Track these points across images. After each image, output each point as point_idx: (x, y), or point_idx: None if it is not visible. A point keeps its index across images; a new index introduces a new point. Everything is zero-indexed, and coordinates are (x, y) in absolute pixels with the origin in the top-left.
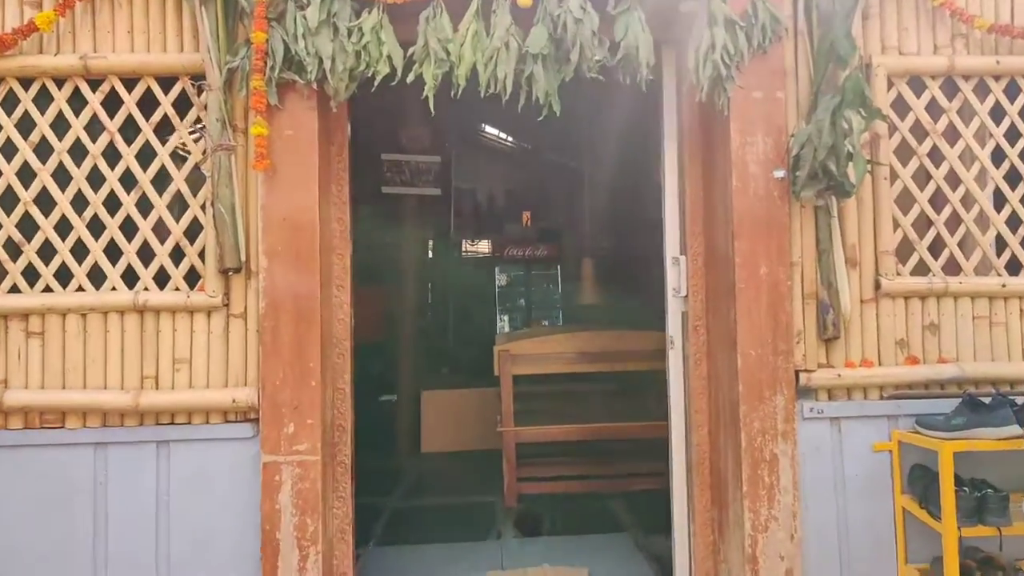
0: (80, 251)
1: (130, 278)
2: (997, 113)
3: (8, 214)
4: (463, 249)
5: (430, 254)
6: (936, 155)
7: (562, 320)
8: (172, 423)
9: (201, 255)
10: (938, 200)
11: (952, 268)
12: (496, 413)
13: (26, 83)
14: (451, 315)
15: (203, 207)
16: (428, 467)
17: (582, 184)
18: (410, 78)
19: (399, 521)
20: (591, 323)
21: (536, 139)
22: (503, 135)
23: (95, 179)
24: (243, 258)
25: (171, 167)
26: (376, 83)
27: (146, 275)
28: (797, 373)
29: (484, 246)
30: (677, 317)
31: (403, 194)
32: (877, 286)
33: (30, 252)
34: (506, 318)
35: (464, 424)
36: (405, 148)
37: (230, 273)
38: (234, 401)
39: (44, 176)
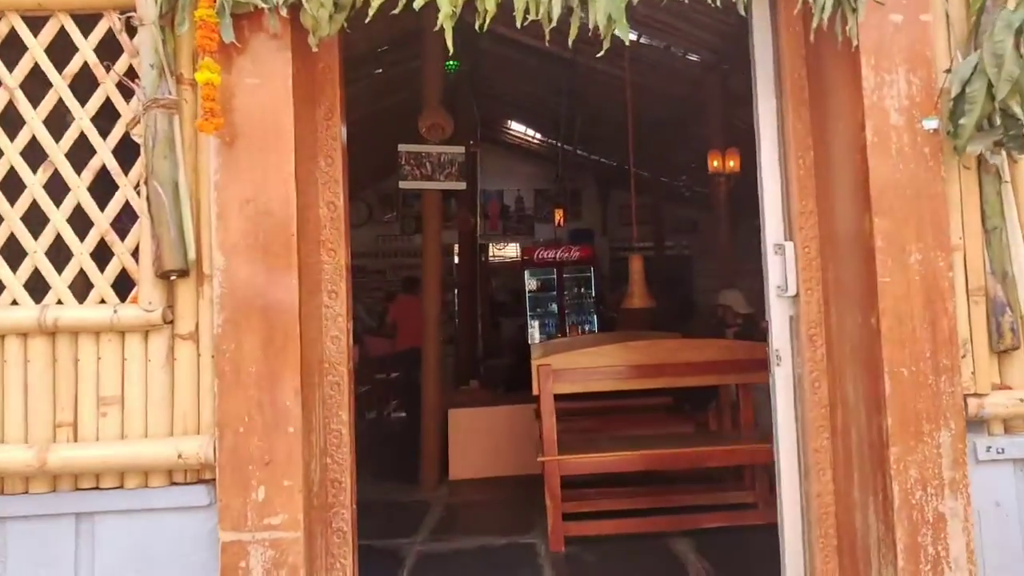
0: None
1: (37, 287)
2: None
3: None
4: (490, 252)
5: (455, 258)
6: None
7: (596, 327)
8: (97, 488)
9: (136, 254)
10: None
11: None
12: (532, 432)
13: None
14: (479, 322)
15: (137, 188)
16: (458, 499)
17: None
18: (418, 2)
19: (425, 569)
20: (637, 331)
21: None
22: (531, 131)
23: None
24: (191, 256)
25: (93, 135)
26: (372, 11)
27: (58, 282)
28: (965, 398)
29: (512, 249)
30: (784, 323)
31: (423, 190)
32: None
33: None
34: (536, 324)
35: (497, 447)
36: (424, 138)
37: (173, 277)
38: (180, 456)
39: None
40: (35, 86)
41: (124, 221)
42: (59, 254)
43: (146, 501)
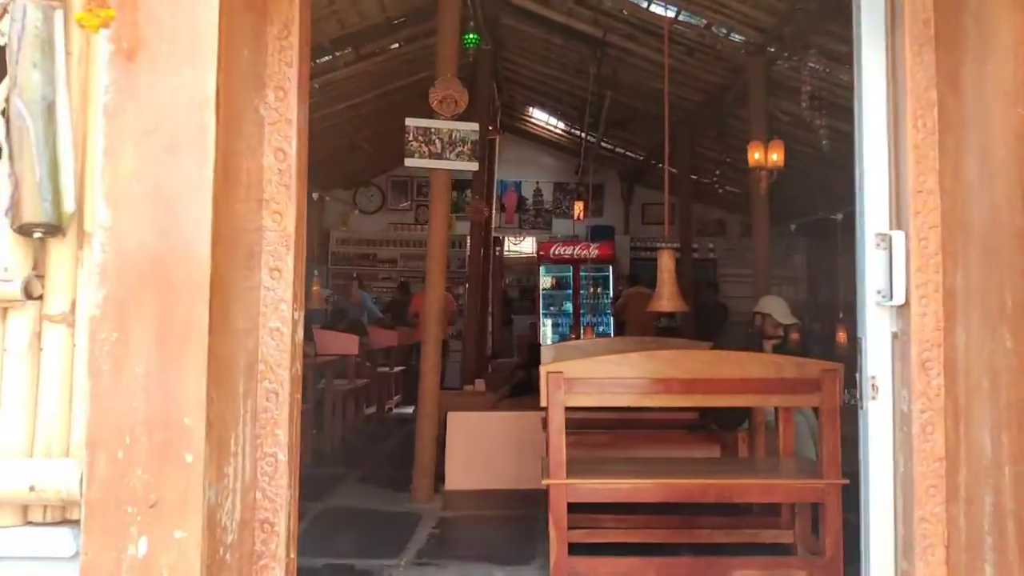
0: None
1: None
2: None
3: None
4: (505, 246)
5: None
6: None
7: (613, 330)
8: None
9: None
10: None
11: None
12: (539, 444)
13: None
14: (489, 319)
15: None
16: (453, 513)
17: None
18: None
19: None
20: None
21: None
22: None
23: None
24: (68, 207)
25: None
26: None
27: None
28: None
29: (528, 243)
30: (884, 342)
31: (430, 169)
32: None
33: None
34: (549, 323)
35: (499, 456)
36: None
37: (39, 235)
38: (34, 488)
39: None
40: None
41: None
42: None
43: None
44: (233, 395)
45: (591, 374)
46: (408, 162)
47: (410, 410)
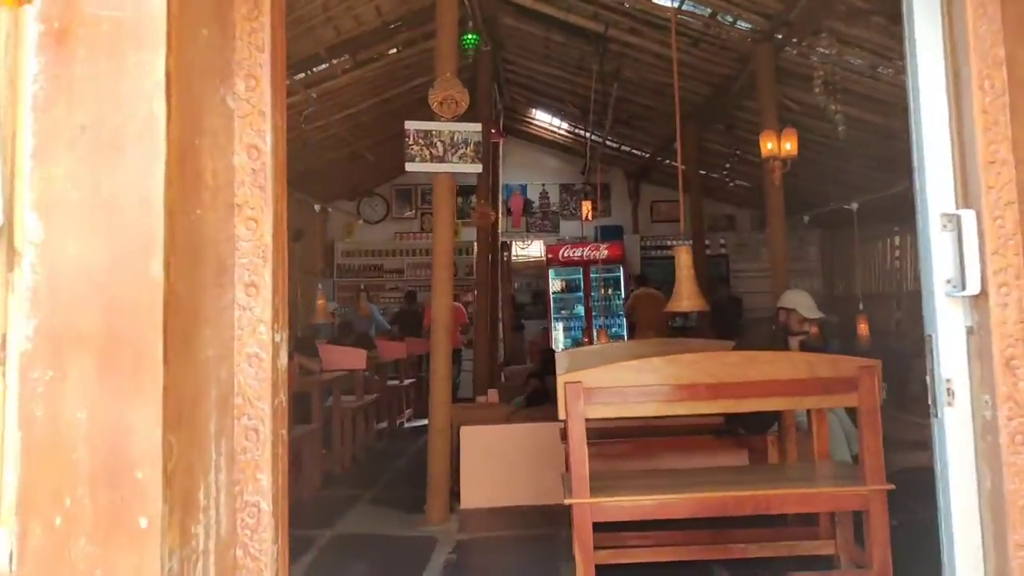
0: None
1: None
2: None
3: None
4: (512, 250)
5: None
6: None
7: (626, 332)
8: None
9: None
10: None
11: None
12: (558, 455)
13: None
14: (500, 325)
15: None
16: (470, 535)
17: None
18: None
19: None
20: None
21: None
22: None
23: None
24: None
25: None
26: None
27: None
28: None
29: (535, 247)
30: (958, 338)
31: (433, 173)
32: None
33: None
34: (560, 326)
35: (516, 471)
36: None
37: None
38: None
39: None
40: None
41: None
42: None
43: None
44: (202, 437)
45: (612, 382)
46: (409, 166)
47: (423, 423)
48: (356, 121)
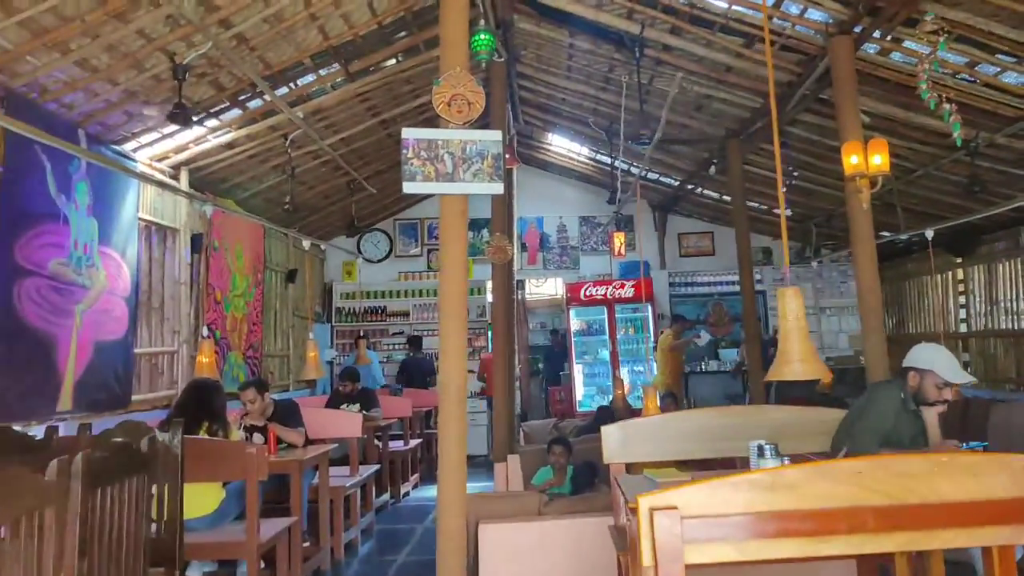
0: None
1: None
2: None
3: None
4: (527, 288)
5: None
6: None
7: (656, 372)
8: None
9: None
10: None
11: None
12: (606, 560)
13: None
14: (519, 373)
15: None
16: None
17: None
18: None
19: None
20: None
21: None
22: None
23: None
24: None
25: None
26: None
27: None
28: None
29: (552, 284)
30: None
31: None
32: None
33: None
34: (581, 370)
35: None
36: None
37: None
38: None
39: None
40: None
41: None
42: None
43: None
44: None
45: (723, 507)
46: (408, 187)
47: (431, 491)
48: (352, 146)
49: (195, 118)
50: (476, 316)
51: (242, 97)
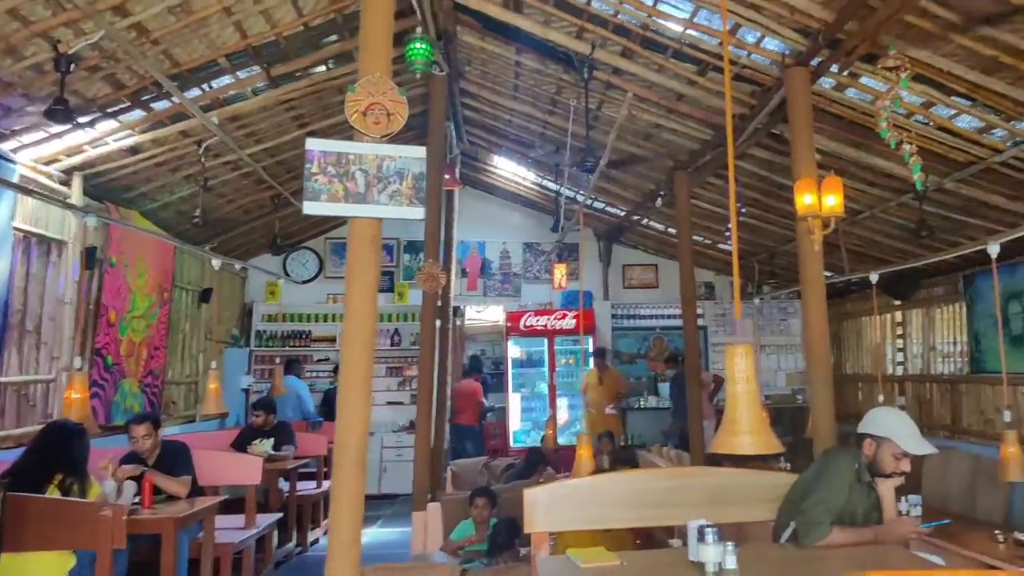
0: None
1: None
2: None
3: None
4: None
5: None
6: None
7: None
8: None
9: None
10: None
11: None
12: None
13: None
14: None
15: None
16: None
17: None
18: None
19: None
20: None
21: None
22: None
23: None
24: None
25: None
26: None
27: None
28: None
29: (492, 312)
30: None
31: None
32: None
33: None
34: (518, 402)
35: None
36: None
37: None
38: None
39: None
40: None
41: None
42: None
43: None
44: None
45: None
46: (308, 207)
47: None
48: (277, 158)
49: (84, 118)
50: (410, 344)
51: (145, 97)
